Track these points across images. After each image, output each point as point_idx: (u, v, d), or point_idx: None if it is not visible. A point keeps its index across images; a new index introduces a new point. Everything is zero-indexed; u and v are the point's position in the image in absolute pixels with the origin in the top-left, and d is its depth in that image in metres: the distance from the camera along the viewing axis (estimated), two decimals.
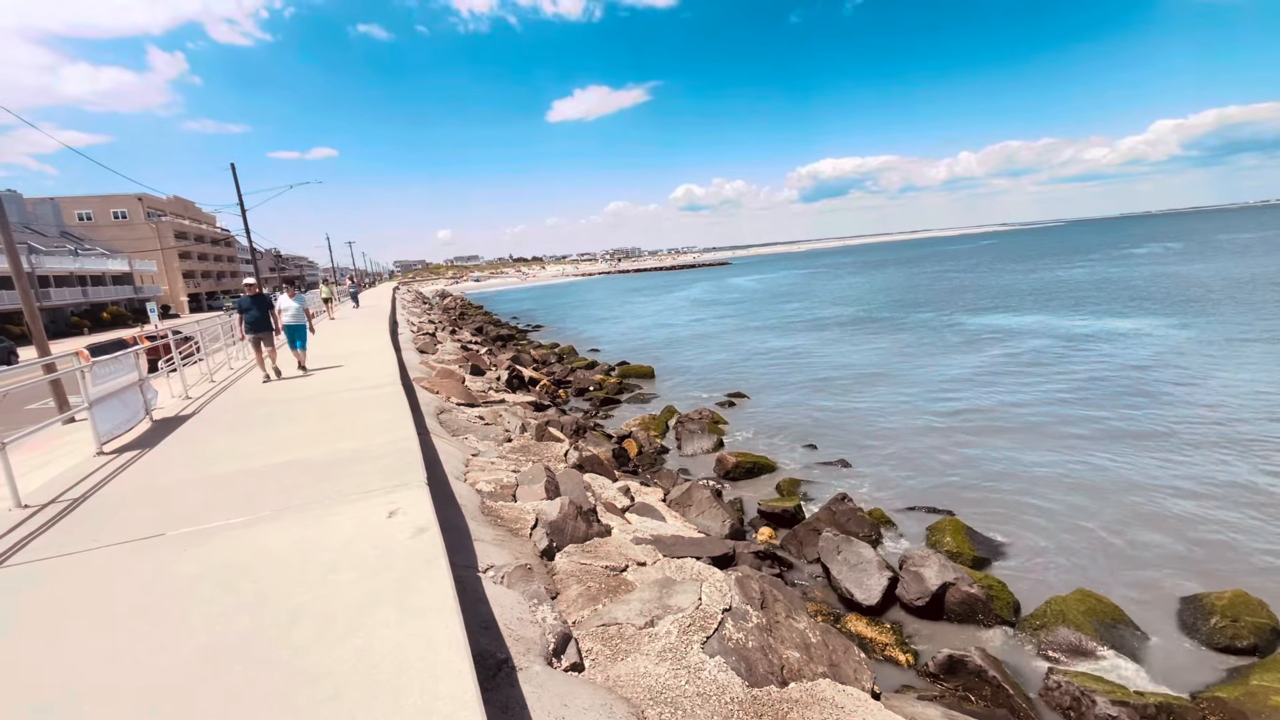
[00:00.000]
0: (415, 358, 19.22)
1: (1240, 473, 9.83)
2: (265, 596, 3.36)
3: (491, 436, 10.50)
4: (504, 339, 35.13)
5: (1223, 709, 4.87)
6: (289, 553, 3.87)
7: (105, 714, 2.53)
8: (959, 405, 15.16)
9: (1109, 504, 9.15)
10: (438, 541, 3.82)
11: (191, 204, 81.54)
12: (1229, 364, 16.70)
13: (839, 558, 7.25)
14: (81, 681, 2.74)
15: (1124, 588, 7.03)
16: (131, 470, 6.20)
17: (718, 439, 13.44)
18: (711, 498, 8.96)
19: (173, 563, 3.90)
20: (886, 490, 10.41)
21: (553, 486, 7.40)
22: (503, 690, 3.45)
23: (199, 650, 2.91)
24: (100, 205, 68.04)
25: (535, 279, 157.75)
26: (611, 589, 5.11)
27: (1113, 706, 4.83)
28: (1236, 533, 8.08)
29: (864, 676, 4.84)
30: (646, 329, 38.12)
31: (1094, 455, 11.11)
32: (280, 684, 2.62)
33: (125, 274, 60.44)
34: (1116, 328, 23.75)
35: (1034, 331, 24.73)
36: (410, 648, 2.78)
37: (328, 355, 13.36)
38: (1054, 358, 19.57)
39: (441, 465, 7.39)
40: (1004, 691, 5.13)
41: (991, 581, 6.92)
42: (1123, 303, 30.31)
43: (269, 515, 4.55)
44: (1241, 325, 21.72)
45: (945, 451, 11.98)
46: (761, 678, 4.15)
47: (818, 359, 23.05)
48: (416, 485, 4.87)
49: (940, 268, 73.77)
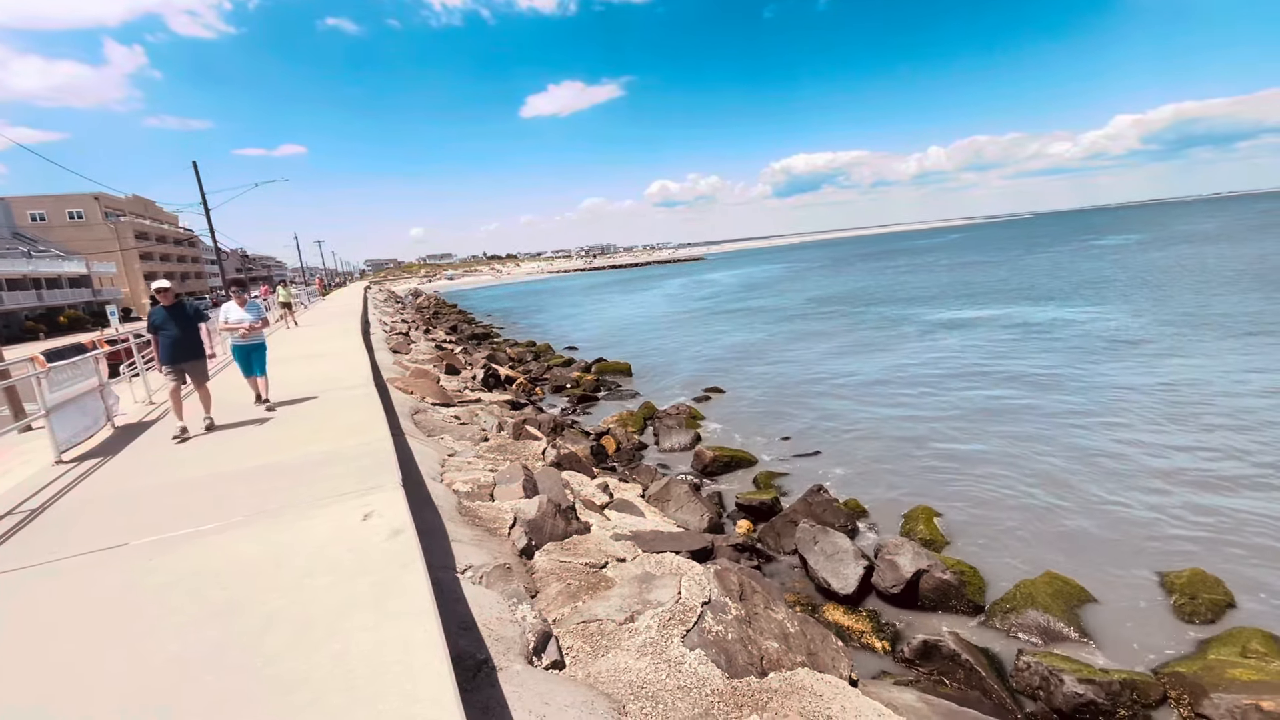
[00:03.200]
0: (388, 358, 18.94)
1: (1196, 455, 10.21)
2: (238, 604, 3.29)
3: (468, 436, 10.40)
4: (479, 337, 34.81)
5: (1182, 682, 5.07)
6: (261, 558, 3.80)
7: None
8: (929, 395, 15.46)
9: (1074, 488, 9.43)
10: (414, 543, 3.78)
11: (152, 203, 79.05)
12: (1184, 350, 17.30)
13: (816, 548, 7.35)
14: (43, 698, 2.66)
15: (1089, 569, 7.26)
16: (92, 479, 6.01)
17: (695, 434, 13.51)
18: (690, 492, 9.02)
19: (139, 572, 3.80)
20: (861, 480, 10.58)
21: (531, 485, 7.36)
22: (483, 690, 3.43)
23: (169, 661, 2.84)
24: (55, 205, 65.54)
25: (510, 277, 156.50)
26: (591, 586, 5.11)
27: (1079, 684, 4.99)
28: (1193, 513, 8.39)
29: (842, 664, 4.92)
30: (623, 325, 38.09)
31: (1059, 440, 11.43)
32: (255, 692, 2.57)
33: (83, 276, 58.39)
34: (1077, 316, 24.43)
35: (999, 322, 25.32)
36: (388, 651, 2.75)
37: (294, 361, 13.08)
38: (1019, 347, 20.06)
39: (417, 466, 7.31)
40: (977, 674, 5.26)
41: (963, 567, 7.09)
42: (1082, 292, 31.18)
43: (240, 521, 4.45)
44: (1195, 312, 22.53)
45: (917, 441, 12.22)
46: (741, 669, 4.19)
47: (793, 353, 23.29)
48: (391, 487, 4.81)
49: (910, 262, 75.05)
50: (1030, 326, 23.73)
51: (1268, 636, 5.49)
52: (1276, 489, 8.81)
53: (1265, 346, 16.81)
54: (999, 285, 39.11)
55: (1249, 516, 8.15)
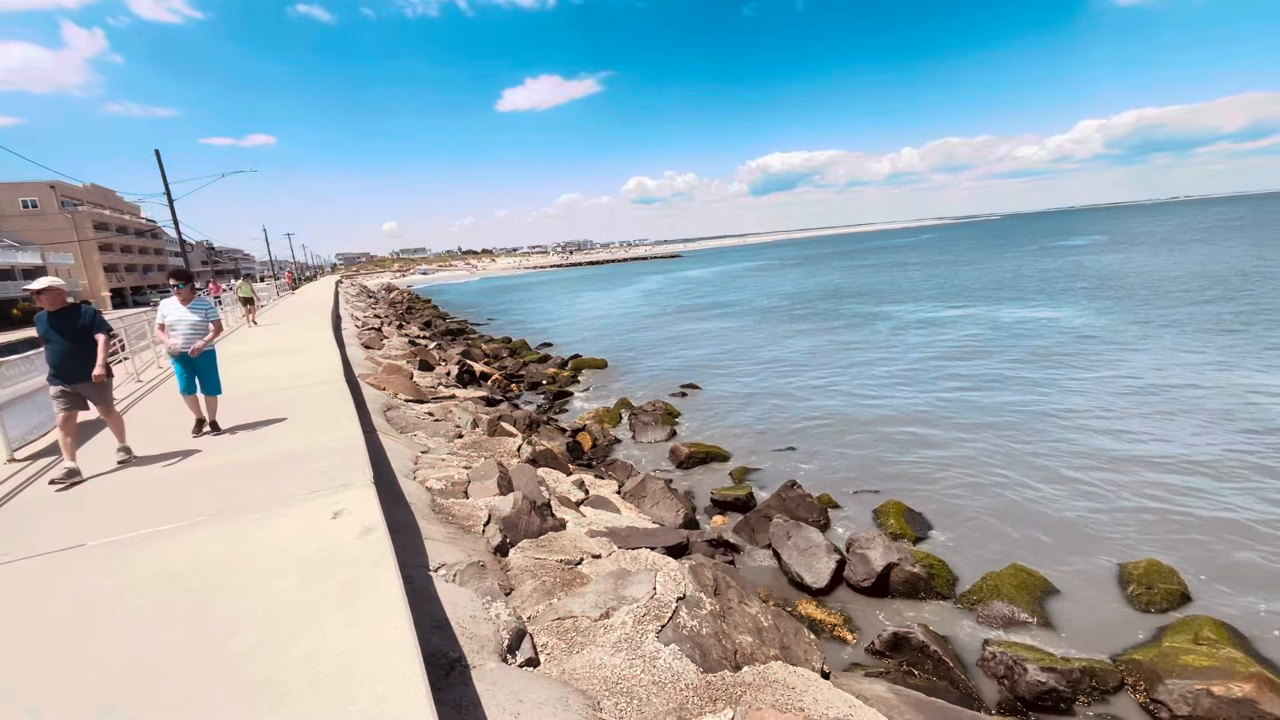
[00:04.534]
0: (360, 353, 18.61)
1: (1153, 449, 10.57)
2: (202, 605, 3.21)
3: (442, 433, 10.28)
4: (454, 333, 34.40)
5: (1139, 669, 5.26)
6: (227, 558, 3.71)
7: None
8: (901, 391, 15.74)
9: (1040, 482, 9.69)
10: (385, 541, 3.73)
11: (112, 193, 76.37)
12: (1143, 345, 17.89)
13: (789, 543, 7.44)
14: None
15: (1053, 560, 7.47)
16: (47, 478, 5.80)
17: (671, 430, 13.56)
18: (665, 488, 9.04)
19: (97, 574, 3.67)
20: (834, 475, 10.73)
21: (506, 482, 7.31)
22: (456, 689, 3.40)
23: (129, 664, 2.75)
24: (8, 193, 62.92)
25: (485, 272, 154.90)
26: (566, 582, 5.10)
27: (1042, 673, 5.14)
28: (1151, 505, 8.68)
29: (814, 657, 4.99)
30: (599, 321, 38.00)
31: (1025, 435, 11.73)
32: (220, 694, 2.51)
33: (38, 267, 56.16)
34: (1042, 315, 25.09)
35: (969, 320, 25.89)
36: (358, 651, 2.71)
37: (262, 357, 12.77)
38: (987, 344, 20.52)
39: (389, 463, 7.20)
40: (944, 664, 5.39)
41: (933, 560, 7.25)
42: (1048, 291, 32.05)
43: (204, 520, 4.34)
44: (1156, 310, 23.31)
45: (889, 436, 12.43)
46: (715, 663, 4.22)
47: (768, 350, 23.49)
48: (362, 484, 4.73)
49: (883, 260, 76.22)
50: (998, 324, 24.30)
51: (1218, 624, 5.71)
52: (1229, 481, 9.17)
53: (1218, 342, 17.47)
54: (969, 284, 39.94)
55: (1203, 508, 8.46)
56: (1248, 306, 22.85)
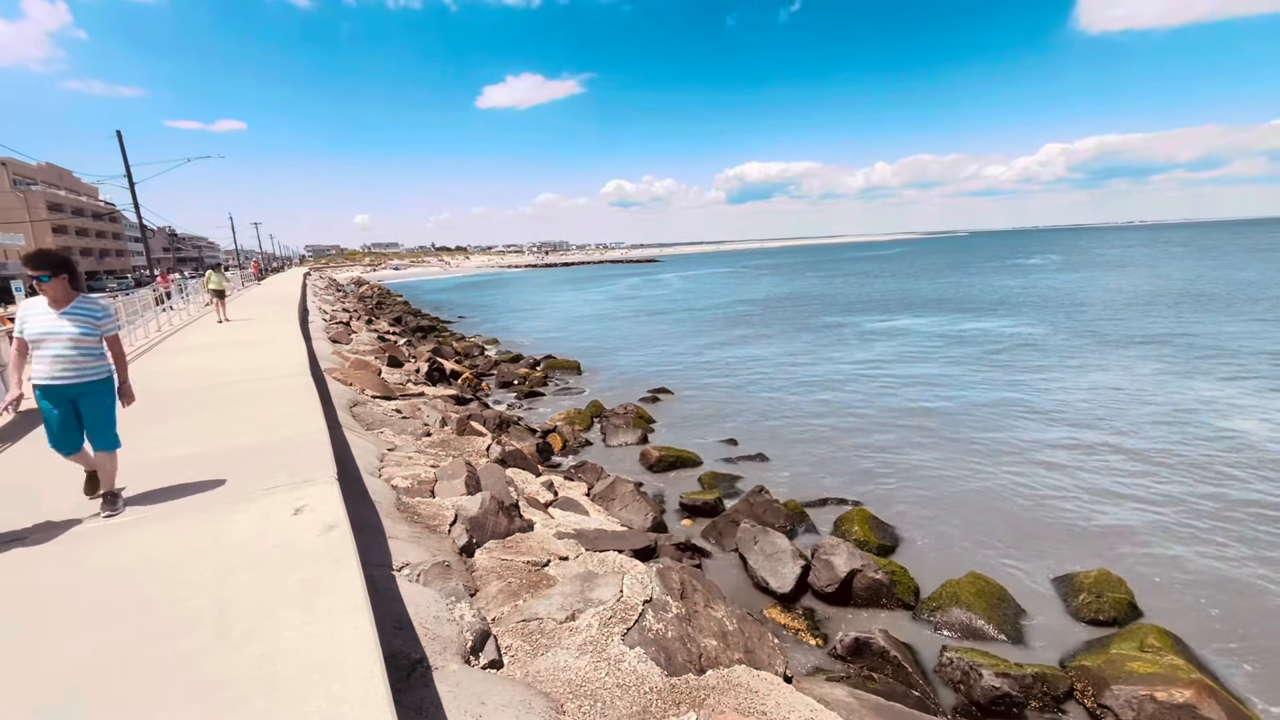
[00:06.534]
0: (327, 347, 18.21)
1: (1107, 462, 10.96)
2: (151, 602, 3.10)
3: (409, 430, 10.11)
4: (424, 330, 33.88)
5: (1088, 675, 5.43)
6: (180, 555, 3.59)
7: None
8: (869, 399, 16.03)
9: (999, 491, 9.97)
10: (348, 539, 3.65)
11: (69, 173, 73.49)
12: (1100, 361, 18.56)
13: (756, 548, 7.50)
14: None
15: (1008, 569, 7.69)
16: None
17: (642, 433, 13.56)
18: (635, 491, 9.04)
19: (38, 569, 3.52)
20: (802, 481, 10.86)
21: (474, 481, 7.23)
22: (417, 691, 3.34)
23: (72, 663, 2.64)
24: None
25: (459, 269, 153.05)
26: (533, 584, 5.06)
27: (996, 678, 5.28)
28: (1102, 516, 9.00)
29: (777, 661, 5.04)
30: (573, 323, 37.85)
31: (983, 446, 12.05)
32: (169, 694, 2.42)
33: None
34: (1003, 328, 25.88)
35: (935, 330, 26.55)
36: (317, 651, 2.64)
37: (223, 348, 12.40)
38: (952, 354, 21.06)
39: (354, 460, 7.05)
40: (904, 669, 5.49)
41: (895, 567, 7.38)
42: (1009, 304, 33.08)
43: (156, 515, 4.19)
44: (1110, 326, 24.22)
45: (855, 445, 12.64)
46: (680, 666, 4.23)
47: (741, 356, 23.69)
48: (325, 480, 4.63)
49: (854, 269, 77.65)
50: (963, 336, 24.96)
51: (1162, 633, 5.94)
52: (1176, 494, 9.56)
53: (1170, 357, 18.22)
54: (936, 296, 40.92)
55: (1152, 520, 8.81)
56: (1179, 324, 24.29)
